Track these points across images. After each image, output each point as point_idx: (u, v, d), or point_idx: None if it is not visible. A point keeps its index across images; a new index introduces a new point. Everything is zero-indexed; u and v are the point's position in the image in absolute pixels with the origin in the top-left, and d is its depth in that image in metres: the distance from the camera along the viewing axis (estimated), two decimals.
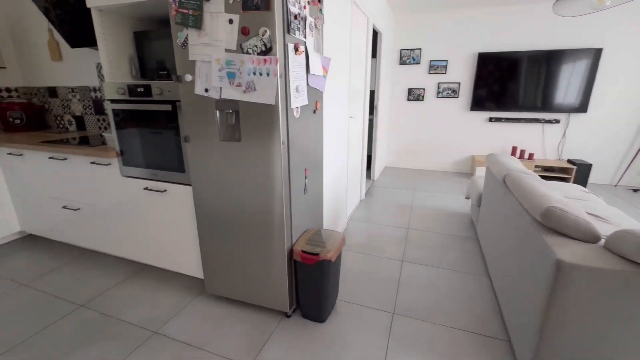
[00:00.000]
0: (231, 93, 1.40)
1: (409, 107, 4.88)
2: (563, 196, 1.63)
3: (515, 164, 2.10)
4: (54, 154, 2.14)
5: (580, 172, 4.02)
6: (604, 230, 1.70)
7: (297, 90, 1.48)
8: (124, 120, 1.81)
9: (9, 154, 2.33)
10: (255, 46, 1.31)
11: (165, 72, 1.91)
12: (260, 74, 1.33)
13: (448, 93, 4.60)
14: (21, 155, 2.29)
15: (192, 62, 1.42)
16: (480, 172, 4.32)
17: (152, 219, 1.95)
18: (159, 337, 1.59)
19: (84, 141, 2.26)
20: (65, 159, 2.11)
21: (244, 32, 1.31)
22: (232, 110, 1.44)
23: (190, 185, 1.76)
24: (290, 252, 1.61)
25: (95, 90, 2.69)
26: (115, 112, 1.81)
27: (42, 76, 2.89)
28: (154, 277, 2.10)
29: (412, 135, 5.00)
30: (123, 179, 1.96)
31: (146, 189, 1.88)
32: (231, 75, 1.38)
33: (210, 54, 1.38)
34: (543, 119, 4.27)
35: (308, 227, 1.83)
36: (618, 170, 4.20)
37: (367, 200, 3.61)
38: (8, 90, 2.89)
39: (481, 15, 4.22)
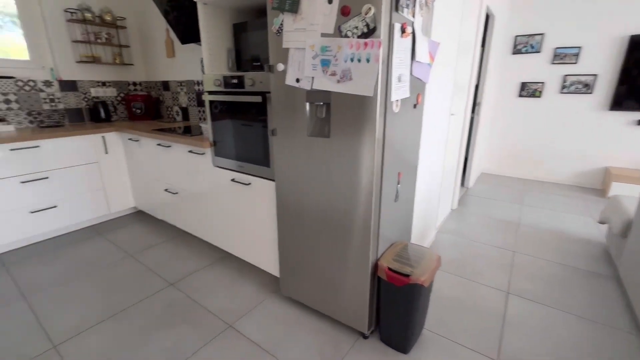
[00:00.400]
0: (324, 83, 1.25)
1: (520, 105, 4.12)
2: None
3: None
4: (161, 141, 2.36)
5: None
6: None
7: (399, 80, 1.25)
8: (219, 111, 1.84)
9: (130, 139, 2.68)
10: (356, 28, 1.13)
11: (259, 64, 1.88)
12: (359, 60, 1.14)
13: (577, 88, 3.70)
14: (138, 140, 2.59)
15: (286, 50, 1.32)
16: (618, 189, 3.37)
17: (236, 210, 1.97)
18: (233, 332, 1.57)
19: (187, 131, 2.43)
20: (170, 146, 2.30)
21: (345, 11, 1.14)
22: (323, 102, 1.29)
23: (273, 180, 1.69)
24: (375, 266, 1.41)
25: (198, 83, 2.91)
26: (213, 104, 1.86)
27: (158, 71, 3.27)
28: (235, 266, 2.14)
29: (520, 138, 4.21)
30: (214, 169, 2.02)
31: (233, 180, 1.89)
32: (325, 63, 1.22)
33: (305, 40, 1.25)
34: None
35: (395, 239, 1.59)
36: None
37: (460, 210, 3.14)
38: (134, 84, 3.35)
39: None
